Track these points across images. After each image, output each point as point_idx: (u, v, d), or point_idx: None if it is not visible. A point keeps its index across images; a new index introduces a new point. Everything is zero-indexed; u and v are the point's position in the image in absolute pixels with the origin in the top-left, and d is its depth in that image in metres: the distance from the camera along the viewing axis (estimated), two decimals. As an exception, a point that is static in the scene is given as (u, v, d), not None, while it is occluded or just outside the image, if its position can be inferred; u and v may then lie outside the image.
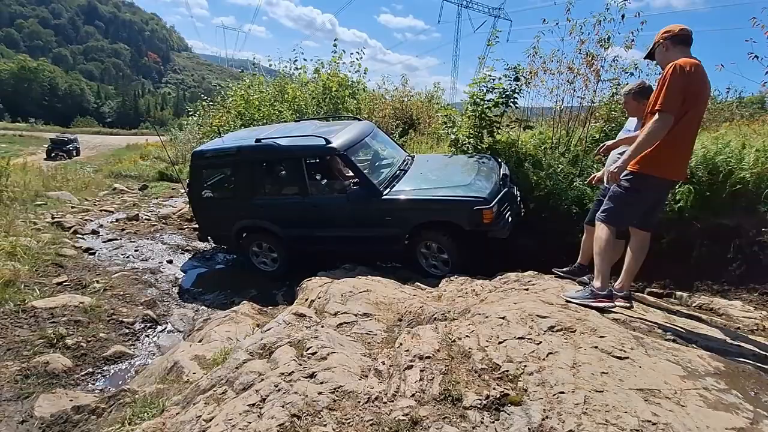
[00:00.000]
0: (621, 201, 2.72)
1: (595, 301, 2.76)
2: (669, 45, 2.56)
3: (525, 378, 1.97)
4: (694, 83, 2.42)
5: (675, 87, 2.38)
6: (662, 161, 2.55)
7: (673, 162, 2.59)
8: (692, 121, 2.55)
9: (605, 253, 2.75)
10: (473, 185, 4.55)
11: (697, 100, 2.51)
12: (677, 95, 2.39)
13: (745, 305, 3.45)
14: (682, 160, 2.69)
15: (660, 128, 2.42)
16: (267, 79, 11.73)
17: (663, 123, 2.41)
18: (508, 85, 5.92)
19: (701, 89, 2.50)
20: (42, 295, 4.57)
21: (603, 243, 2.74)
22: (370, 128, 5.80)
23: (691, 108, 2.48)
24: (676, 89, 2.38)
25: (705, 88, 2.54)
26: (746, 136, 4.66)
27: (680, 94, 2.39)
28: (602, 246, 2.75)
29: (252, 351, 2.64)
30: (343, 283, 3.79)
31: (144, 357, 3.96)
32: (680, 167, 2.69)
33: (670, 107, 2.39)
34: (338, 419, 1.87)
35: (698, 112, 2.58)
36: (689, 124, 2.54)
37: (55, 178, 12.19)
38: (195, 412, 2.18)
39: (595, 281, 2.82)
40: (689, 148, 2.69)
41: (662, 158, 2.53)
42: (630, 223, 2.84)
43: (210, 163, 5.70)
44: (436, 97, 11.84)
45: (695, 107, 2.51)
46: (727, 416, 1.71)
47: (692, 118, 2.54)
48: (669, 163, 2.58)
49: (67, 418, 2.80)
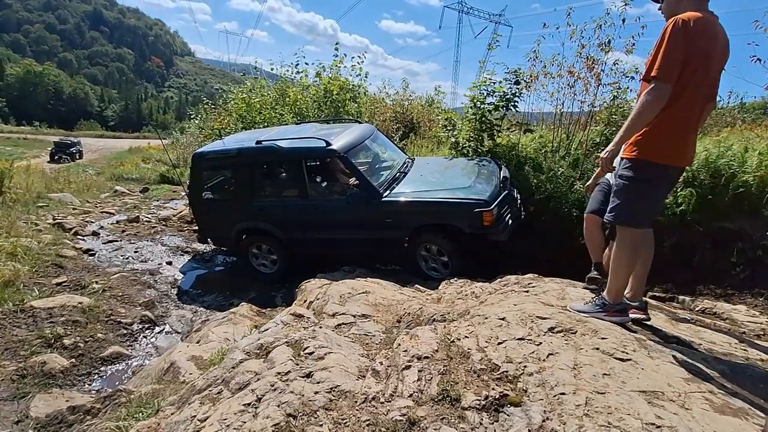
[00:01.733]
0: (628, 193, 2.21)
1: (608, 315, 2.42)
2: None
3: (525, 379, 1.93)
4: (700, 41, 1.95)
5: (674, 48, 1.94)
6: (665, 143, 2.08)
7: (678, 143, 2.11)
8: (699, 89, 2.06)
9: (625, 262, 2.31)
10: (473, 188, 4.53)
11: (705, 63, 2.01)
12: (677, 59, 1.95)
13: (750, 309, 3.41)
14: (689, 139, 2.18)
15: (655, 100, 1.99)
16: (269, 83, 11.78)
17: (658, 93, 1.99)
18: (509, 89, 5.92)
19: (711, 49, 2.00)
20: (41, 296, 4.55)
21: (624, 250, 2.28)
22: (371, 131, 5.79)
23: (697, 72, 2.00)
24: (676, 51, 1.94)
25: (714, 47, 2.02)
26: (749, 140, 4.64)
27: (680, 56, 1.95)
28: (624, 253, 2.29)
29: (249, 351, 2.61)
30: (342, 284, 3.77)
31: (141, 358, 3.93)
32: (686, 150, 2.18)
33: (666, 74, 1.97)
34: (334, 419, 1.84)
35: (707, 78, 2.07)
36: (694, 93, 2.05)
37: (57, 180, 12.20)
38: (190, 412, 2.15)
39: (607, 293, 2.44)
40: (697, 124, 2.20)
41: (664, 139, 2.08)
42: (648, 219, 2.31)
43: (210, 165, 5.71)
44: (437, 101, 11.86)
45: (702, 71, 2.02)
46: (737, 421, 1.66)
47: (698, 85, 2.04)
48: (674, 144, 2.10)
49: (62, 418, 2.77)
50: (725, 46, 2.09)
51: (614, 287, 2.40)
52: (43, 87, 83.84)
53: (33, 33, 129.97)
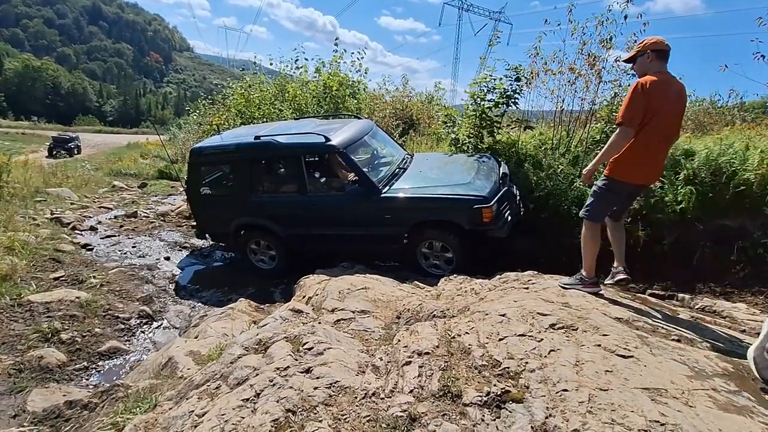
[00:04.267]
0: (598, 199, 3.00)
1: (584, 287, 3.05)
2: (654, 57, 2.72)
3: (527, 375, 1.91)
4: (655, 98, 2.62)
5: (635, 102, 2.62)
6: (629, 168, 2.81)
7: (639, 169, 2.83)
8: (656, 131, 2.73)
9: (590, 247, 3.04)
10: (473, 184, 4.50)
11: (659, 113, 2.67)
12: (638, 110, 2.63)
13: (749, 308, 3.40)
14: (649, 166, 2.88)
15: (620, 139, 2.69)
16: (268, 79, 11.70)
17: (623, 134, 2.68)
18: (509, 86, 5.89)
19: (663, 102, 2.66)
20: (38, 290, 4.52)
21: (588, 238, 3.05)
22: (370, 126, 5.76)
23: (653, 119, 2.67)
24: (637, 104, 2.62)
25: (667, 100, 2.68)
26: (750, 138, 4.62)
27: (640, 109, 2.63)
28: (587, 240, 3.05)
29: (247, 346, 2.59)
30: (341, 280, 3.75)
31: (139, 353, 3.91)
32: (648, 173, 2.93)
33: (629, 121, 2.65)
34: (334, 415, 1.82)
35: (661, 123, 2.71)
36: (652, 134, 2.72)
37: (55, 175, 12.16)
38: (188, 407, 2.13)
39: (583, 270, 3.10)
40: (655, 156, 2.86)
41: (629, 165, 2.79)
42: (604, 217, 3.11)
43: (209, 160, 5.66)
44: (437, 98, 11.80)
45: (657, 118, 2.67)
46: (741, 419, 1.65)
47: (655, 128, 2.71)
48: (636, 170, 2.83)
49: (59, 412, 2.75)
50: (679, 95, 2.76)
51: (587, 265, 3.07)
52: (42, 82, 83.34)
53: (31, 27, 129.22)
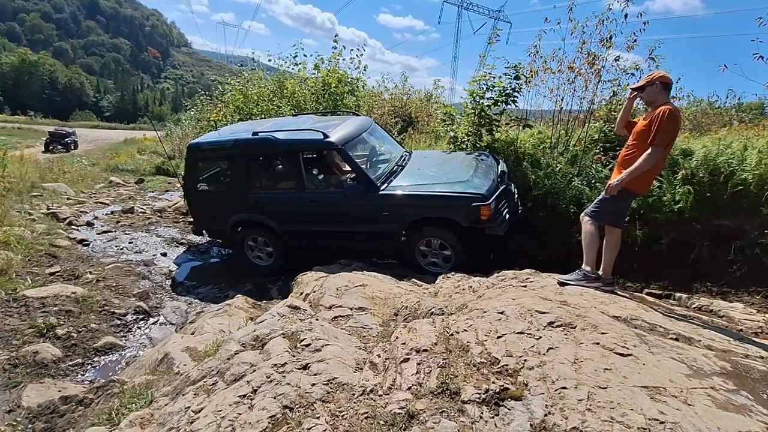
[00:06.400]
0: (607, 205, 3.27)
1: (587, 283, 3.22)
2: (661, 88, 3.05)
3: (525, 372, 1.91)
4: (679, 126, 3.10)
5: (668, 128, 2.94)
6: (641, 181, 3.15)
7: (647, 182, 3.28)
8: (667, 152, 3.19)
9: (593, 244, 3.28)
10: (471, 182, 4.49)
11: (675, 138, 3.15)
12: (670, 135, 2.98)
13: (746, 307, 3.41)
14: (652, 180, 3.49)
15: (653, 158, 2.98)
16: (266, 75, 11.64)
17: (656, 155, 2.97)
18: (508, 84, 5.88)
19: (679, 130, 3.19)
20: (34, 285, 4.49)
21: (590, 236, 3.30)
22: (368, 123, 5.73)
23: (672, 142, 3.10)
24: (671, 129, 2.96)
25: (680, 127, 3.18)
26: (748, 138, 4.63)
27: (673, 134, 3.02)
28: (591, 238, 3.30)
29: (244, 342, 2.57)
30: (338, 277, 3.74)
31: (135, 349, 3.89)
32: (649, 185, 3.50)
33: (663, 143, 2.96)
34: (332, 411, 1.81)
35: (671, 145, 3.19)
36: (667, 154, 3.19)
37: (51, 170, 12.08)
38: (184, 403, 2.12)
39: (585, 266, 3.30)
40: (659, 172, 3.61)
41: (642, 179, 3.13)
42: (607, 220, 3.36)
43: (206, 156, 5.63)
44: (436, 95, 11.77)
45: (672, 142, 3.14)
46: (740, 418, 1.65)
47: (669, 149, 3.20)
48: (646, 182, 3.27)
49: (54, 408, 2.74)
50: None
51: (589, 259, 3.29)
52: (38, 76, 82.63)
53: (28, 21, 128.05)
